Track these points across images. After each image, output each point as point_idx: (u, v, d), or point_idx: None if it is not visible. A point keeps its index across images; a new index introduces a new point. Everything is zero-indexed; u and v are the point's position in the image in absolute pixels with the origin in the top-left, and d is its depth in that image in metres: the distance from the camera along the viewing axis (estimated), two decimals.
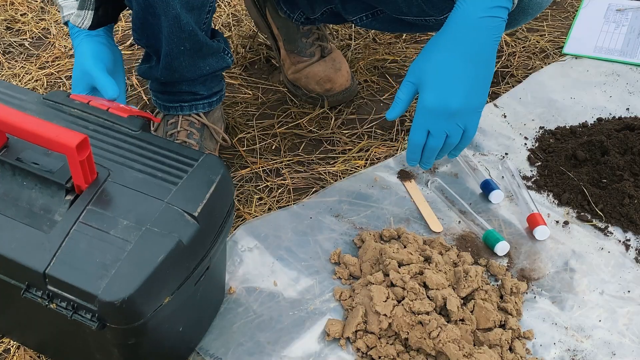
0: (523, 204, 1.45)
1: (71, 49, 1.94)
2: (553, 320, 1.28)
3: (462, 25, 1.18)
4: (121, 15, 1.44)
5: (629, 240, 1.41)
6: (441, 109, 1.20)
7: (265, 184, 1.55)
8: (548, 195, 1.49)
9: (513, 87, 1.76)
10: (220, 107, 1.59)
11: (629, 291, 1.33)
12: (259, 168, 1.59)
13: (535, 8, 1.39)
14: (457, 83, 1.19)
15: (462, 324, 1.23)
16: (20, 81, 1.83)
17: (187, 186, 1.07)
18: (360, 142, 1.63)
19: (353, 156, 1.60)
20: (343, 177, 1.54)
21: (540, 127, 1.64)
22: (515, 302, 1.28)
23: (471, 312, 1.25)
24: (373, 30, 1.93)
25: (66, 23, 1.41)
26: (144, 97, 1.76)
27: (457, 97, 1.19)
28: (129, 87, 1.81)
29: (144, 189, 1.06)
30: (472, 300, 1.26)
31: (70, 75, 1.84)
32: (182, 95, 1.50)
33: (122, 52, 1.90)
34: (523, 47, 1.88)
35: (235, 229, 1.43)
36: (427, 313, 1.22)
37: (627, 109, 1.68)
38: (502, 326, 1.26)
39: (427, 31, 1.60)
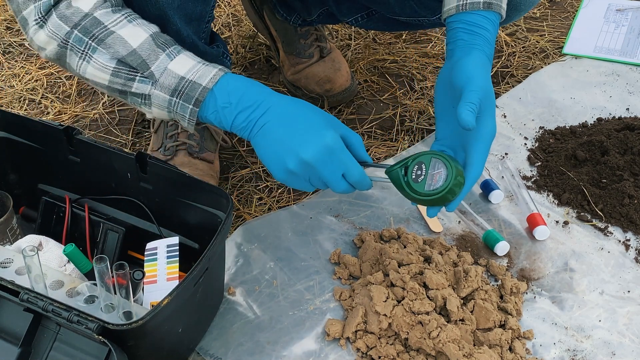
0: (523, 204, 1.45)
1: None
2: (553, 320, 1.28)
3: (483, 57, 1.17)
4: None
5: (629, 240, 1.40)
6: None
7: (265, 184, 1.55)
8: (548, 195, 1.49)
9: (513, 87, 1.76)
10: None
11: (628, 291, 1.33)
12: (259, 168, 1.59)
13: (527, 4, 1.40)
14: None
15: (462, 324, 1.23)
16: (20, 81, 1.83)
17: None
18: None
19: None
20: None
21: (540, 127, 1.63)
22: (515, 302, 1.28)
23: (471, 312, 1.25)
24: (373, 30, 1.93)
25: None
26: None
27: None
28: None
29: None
30: (472, 300, 1.26)
31: (70, 75, 1.84)
32: None
33: None
34: (523, 47, 1.88)
35: (235, 229, 1.43)
36: (427, 313, 1.22)
37: (627, 109, 1.68)
38: (502, 326, 1.26)
39: (421, 29, 1.60)
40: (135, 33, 1.12)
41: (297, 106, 1.11)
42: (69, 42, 1.12)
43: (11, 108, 1.76)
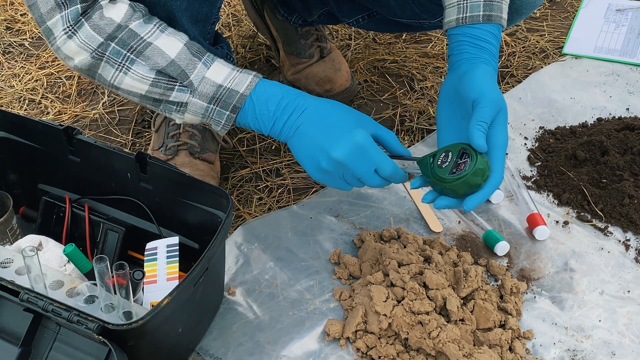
0: (523, 204, 1.45)
1: None
2: (553, 320, 1.28)
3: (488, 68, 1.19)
4: None
5: (628, 240, 1.40)
6: None
7: (265, 184, 1.55)
8: (548, 195, 1.49)
9: (513, 87, 1.76)
10: None
11: (628, 291, 1.33)
12: (259, 168, 1.59)
13: (528, 7, 1.41)
14: None
15: (462, 324, 1.23)
16: (20, 81, 1.83)
17: None
18: None
19: None
20: None
21: (540, 127, 1.63)
22: (515, 302, 1.28)
23: (471, 312, 1.25)
24: (373, 31, 1.93)
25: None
26: None
27: None
28: None
29: None
30: (472, 300, 1.26)
31: (70, 75, 1.84)
32: None
33: None
34: (523, 47, 1.88)
35: (235, 229, 1.43)
36: (427, 313, 1.22)
37: (627, 109, 1.68)
38: (502, 326, 1.26)
39: (422, 31, 1.60)
40: (171, 43, 1.14)
41: (329, 107, 1.15)
42: (105, 54, 1.12)
43: (11, 108, 1.76)
